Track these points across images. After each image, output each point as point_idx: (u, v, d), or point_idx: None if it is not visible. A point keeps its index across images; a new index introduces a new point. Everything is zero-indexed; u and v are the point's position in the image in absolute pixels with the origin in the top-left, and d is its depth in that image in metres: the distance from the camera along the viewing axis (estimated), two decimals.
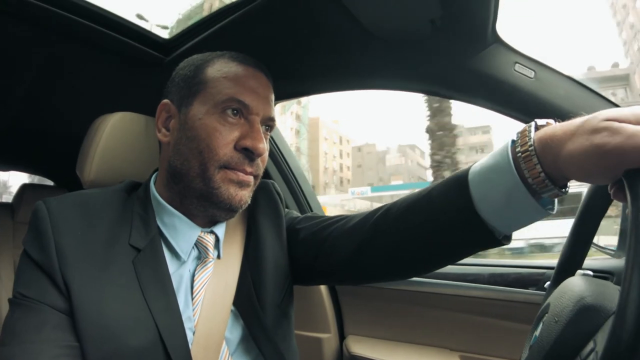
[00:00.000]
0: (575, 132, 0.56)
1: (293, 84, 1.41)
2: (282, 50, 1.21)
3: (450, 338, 1.40)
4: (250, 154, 0.84)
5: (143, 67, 1.36)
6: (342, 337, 1.63)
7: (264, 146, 0.86)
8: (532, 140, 0.60)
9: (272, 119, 0.91)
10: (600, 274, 1.08)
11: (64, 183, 2.44)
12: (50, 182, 2.62)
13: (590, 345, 0.53)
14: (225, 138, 0.83)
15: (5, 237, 1.89)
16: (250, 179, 0.87)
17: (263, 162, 0.90)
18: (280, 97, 1.47)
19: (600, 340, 0.52)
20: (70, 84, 1.50)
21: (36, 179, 2.92)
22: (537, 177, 0.60)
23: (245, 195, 0.86)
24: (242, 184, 0.85)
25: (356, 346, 1.53)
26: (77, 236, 0.78)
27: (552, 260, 1.26)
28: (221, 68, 0.88)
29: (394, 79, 1.25)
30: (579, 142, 0.54)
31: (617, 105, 1.00)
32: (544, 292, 1.04)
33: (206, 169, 0.82)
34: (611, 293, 0.61)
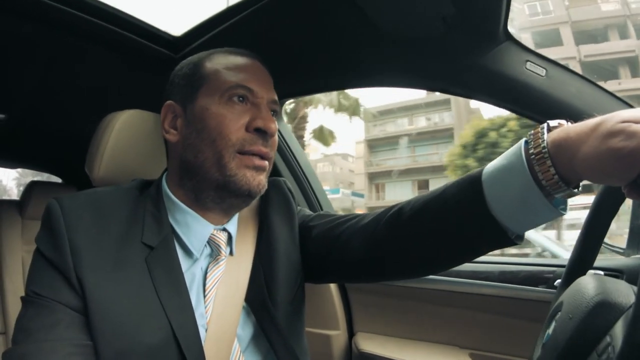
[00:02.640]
0: (591, 135, 0.55)
1: (304, 81, 1.41)
2: (292, 47, 1.22)
3: (459, 335, 1.40)
4: (263, 134, 0.84)
5: (153, 64, 1.37)
6: (351, 334, 1.62)
7: (275, 125, 0.86)
8: (545, 142, 0.60)
9: (276, 102, 0.91)
10: (611, 272, 1.08)
11: (73, 180, 2.45)
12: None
13: (607, 339, 0.53)
14: (236, 123, 0.83)
15: (14, 235, 1.89)
16: (265, 163, 0.86)
17: (274, 144, 0.89)
18: (291, 94, 1.48)
19: (617, 334, 0.52)
20: (80, 81, 1.51)
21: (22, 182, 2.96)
22: (551, 179, 0.59)
23: (262, 180, 0.86)
24: (258, 169, 0.84)
25: (365, 343, 1.53)
26: (91, 234, 0.78)
27: (562, 259, 1.26)
28: (219, 61, 0.89)
29: (404, 77, 1.25)
30: (594, 145, 0.54)
31: (630, 105, 0.99)
32: (554, 290, 1.03)
33: (221, 156, 0.82)
34: (624, 290, 0.61)
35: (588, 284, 0.67)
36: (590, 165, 0.55)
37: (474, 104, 20.42)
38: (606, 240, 0.92)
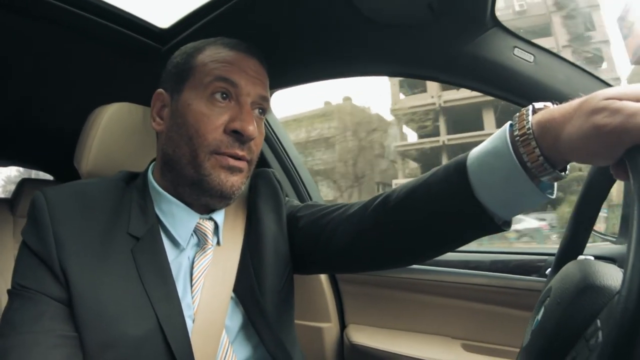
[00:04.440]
0: (574, 114, 0.55)
1: (291, 72, 1.40)
2: (279, 37, 1.21)
3: (451, 326, 1.40)
4: (240, 137, 0.83)
5: (140, 57, 1.36)
6: (342, 326, 1.62)
7: (254, 128, 0.84)
8: (529, 123, 0.59)
9: (265, 99, 0.90)
10: (603, 260, 1.07)
11: (63, 177, 2.44)
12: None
13: (596, 324, 0.52)
14: (214, 123, 0.82)
15: (6, 232, 1.89)
16: (242, 164, 0.85)
17: (256, 146, 0.89)
18: (277, 85, 1.46)
19: (605, 318, 0.51)
20: (67, 75, 1.50)
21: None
22: (536, 161, 0.59)
23: (236, 181, 0.85)
24: (233, 170, 0.84)
25: (357, 335, 1.52)
26: (76, 225, 0.78)
27: (554, 247, 1.26)
28: (211, 54, 0.87)
29: (392, 65, 1.24)
30: (578, 123, 0.53)
31: None
32: (545, 279, 1.03)
33: (196, 155, 0.82)
34: (614, 273, 0.60)
35: (577, 268, 0.66)
36: (574, 144, 0.54)
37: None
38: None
